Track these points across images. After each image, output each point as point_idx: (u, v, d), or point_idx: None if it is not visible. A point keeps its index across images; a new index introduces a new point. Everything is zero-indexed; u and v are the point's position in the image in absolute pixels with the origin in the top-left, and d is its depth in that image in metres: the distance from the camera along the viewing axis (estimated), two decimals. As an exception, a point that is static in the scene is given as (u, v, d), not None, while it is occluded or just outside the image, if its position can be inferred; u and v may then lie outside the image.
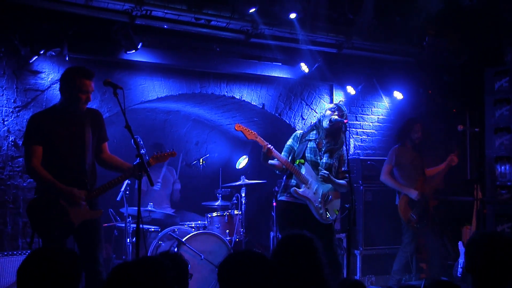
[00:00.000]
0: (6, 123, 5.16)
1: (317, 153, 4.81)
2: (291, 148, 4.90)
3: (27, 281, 2.33)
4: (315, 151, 4.81)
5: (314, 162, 4.79)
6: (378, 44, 6.75)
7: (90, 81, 4.03)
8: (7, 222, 5.12)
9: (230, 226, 5.94)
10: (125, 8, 5.21)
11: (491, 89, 6.19)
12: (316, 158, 4.80)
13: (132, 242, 5.50)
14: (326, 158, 4.81)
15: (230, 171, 7.09)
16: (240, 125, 4.68)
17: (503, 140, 6.03)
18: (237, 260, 2.52)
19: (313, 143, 4.84)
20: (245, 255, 2.56)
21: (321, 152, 4.82)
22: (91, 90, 4.04)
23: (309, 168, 4.77)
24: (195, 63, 6.15)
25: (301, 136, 4.91)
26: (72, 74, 4.03)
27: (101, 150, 4.24)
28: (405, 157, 6.08)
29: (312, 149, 4.82)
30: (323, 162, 4.80)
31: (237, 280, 2.44)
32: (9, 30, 5.07)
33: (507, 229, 5.84)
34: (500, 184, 6.01)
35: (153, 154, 4.37)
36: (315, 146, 4.83)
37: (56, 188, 3.86)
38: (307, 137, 4.87)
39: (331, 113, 4.78)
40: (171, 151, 4.45)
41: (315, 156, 4.80)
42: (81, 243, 4.06)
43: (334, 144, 4.82)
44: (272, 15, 5.81)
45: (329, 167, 4.80)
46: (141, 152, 4.01)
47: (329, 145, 4.82)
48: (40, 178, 3.93)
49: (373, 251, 6.48)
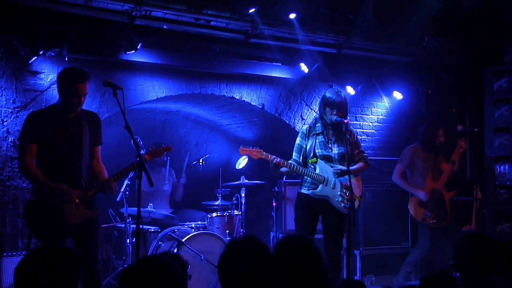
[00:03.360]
0: (5, 124, 5.16)
1: (327, 146, 4.75)
2: (301, 146, 4.82)
3: (25, 280, 2.32)
4: (325, 145, 4.75)
5: (326, 156, 4.74)
6: (378, 44, 6.75)
7: (84, 84, 4.02)
8: (7, 223, 5.11)
9: (230, 226, 5.94)
10: (125, 9, 5.20)
11: (490, 89, 6.20)
12: (327, 152, 4.74)
13: (132, 242, 5.50)
14: (336, 148, 4.75)
15: (230, 171, 7.08)
16: (243, 149, 4.66)
17: (502, 140, 6.04)
18: (238, 249, 2.56)
19: (321, 136, 4.76)
20: (246, 244, 2.59)
21: (331, 144, 4.77)
22: (84, 92, 4.04)
23: (322, 165, 4.71)
24: (195, 64, 6.15)
25: (308, 131, 4.83)
26: (65, 77, 4.05)
27: (93, 155, 4.23)
28: (418, 158, 6.07)
29: (321, 143, 4.75)
30: (335, 153, 4.75)
31: (237, 270, 2.48)
32: (8, 31, 5.06)
33: (506, 228, 5.85)
34: (500, 184, 6.02)
35: (148, 150, 4.36)
36: (323, 139, 4.76)
37: (45, 186, 3.85)
38: (313, 132, 4.80)
39: (331, 111, 4.72)
40: (167, 146, 4.44)
41: (326, 149, 4.74)
42: (79, 243, 4.05)
43: (340, 135, 4.76)
44: (271, 15, 5.80)
45: (342, 157, 4.73)
46: (141, 152, 4.02)
47: (336, 137, 4.77)
48: (30, 176, 3.95)
49: (373, 251, 6.47)
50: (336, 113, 4.69)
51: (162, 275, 2.15)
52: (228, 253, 2.56)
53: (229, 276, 2.52)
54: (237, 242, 2.63)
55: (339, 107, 4.70)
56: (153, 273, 2.15)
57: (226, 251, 2.58)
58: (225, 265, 2.55)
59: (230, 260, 2.53)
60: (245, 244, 2.59)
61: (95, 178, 4.18)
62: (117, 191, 4.16)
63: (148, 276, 2.13)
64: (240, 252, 2.54)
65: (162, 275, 2.15)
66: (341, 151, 4.73)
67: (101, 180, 4.11)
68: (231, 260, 2.53)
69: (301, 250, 2.74)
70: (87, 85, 4.08)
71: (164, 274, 2.16)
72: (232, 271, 2.51)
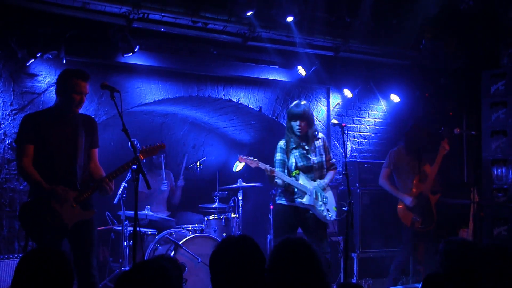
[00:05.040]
0: (2, 126, 5.15)
1: (307, 157, 4.95)
2: (283, 161, 4.94)
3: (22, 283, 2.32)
4: (305, 156, 4.95)
5: (307, 167, 4.94)
6: (375, 47, 6.77)
7: (85, 82, 4.03)
8: (4, 226, 5.10)
9: (227, 229, 5.95)
10: (122, 11, 5.20)
11: (487, 92, 6.21)
12: (308, 163, 4.94)
13: (129, 245, 5.49)
14: (315, 157, 4.97)
15: (227, 174, 7.08)
16: (242, 157, 4.84)
17: (499, 143, 6.05)
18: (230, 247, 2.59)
19: (300, 149, 4.95)
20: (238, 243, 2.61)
21: (310, 154, 4.96)
22: (85, 91, 4.04)
23: (304, 176, 4.90)
24: (192, 66, 6.16)
25: (286, 146, 4.98)
26: (67, 74, 4.05)
27: (90, 158, 4.22)
28: (402, 160, 6.07)
29: (301, 156, 4.94)
30: (316, 162, 4.96)
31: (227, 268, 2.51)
32: (6, 33, 5.06)
33: (503, 231, 5.86)
34: (497, 187, 6.03)
35: (142, 148, 4.35)
36: (302, 151, 4.95)
37: (42, 187, 3.85)
38: (290, 146, 4.97)
39: (296, 123, 4.90)
40: (160, 144, 4.44)
41: (306, 161, 4.94)
42: (75, 245, 4.03)
43: (313, 144, 4.99)
44: (269, 18, 5.82)
45: (321, 165, 5.00)
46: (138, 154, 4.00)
47: (311, 147, 4.98)
48: (28, 177, 3.94)
49: (370, 254, 6.47)
50: (300, 123, 4.87)
51: (158, 279, 2.16)
52: (219, 250, 2.58)
53: (219, 273, 2.52)
54: (229, 241, 2.64)
55: (302, 118, 4.88)
56: (150, 277, 2.15)
57: (218, 248, 2.59)
58: (216, 262, 2.56)
59: (221, 257, 2.54)
60: (238, 242, 2.60)
61: (93, 180, 4.17)
62: (113, 191, 4.14)
63: (145, 280, 2.14)
64: (231, 250, 2.56)
65: (158, 279, 2.15)
66: (319, 159, 4.99)
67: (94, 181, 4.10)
68: (222, 257, 2.54)
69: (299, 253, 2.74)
70: (87, 86, 4.08)
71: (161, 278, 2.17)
72: (222, 268, 2.52)
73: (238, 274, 2.48)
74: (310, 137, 4.97)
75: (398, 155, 6.10)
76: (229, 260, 2.52)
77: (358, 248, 6.41)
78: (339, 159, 7.11)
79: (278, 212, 5.02)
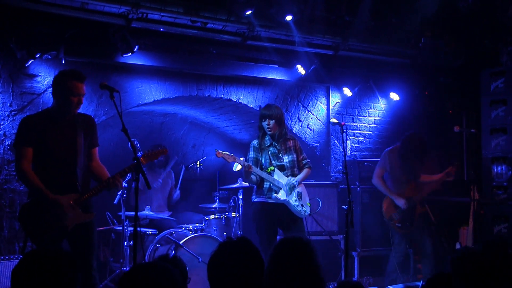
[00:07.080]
0: (2, 127, 5.15)
1: (279, 157, 5.12)
2: (257, 159, 5.11)
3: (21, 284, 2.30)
4: (277, 156, 5.12)
5: (280, 166, 5.09)
6: (374, 46, 6.77)
7: (82, 83, 4.01)
8: (4, 226, 5.11)
9: (227, 228, 5.95)
10: (121, 11, 5.20)
11: (487, 90, 6.21)
12: (280, 162, 5.11)
13: (129, 245, 5.49)
14: (287, 157, 5.13)
15: (227, 173, 7.08)
16: (219, 152, 4.96)
17: (499, 141, 6.05)
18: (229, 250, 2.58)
19: (272, 148, 5.12)
20: (237, 246, 2.61)
21: (282, 154, 5.13)
22: (82, 93, 4.02)
23: (279, 172, 5.05)
24: (192, 66, 6.16)
25: (259, 145, 5.15)
26: (63, 76, 4.02)
27: (91, 157, 4.20)
28: (397, 162, 6.03)
29: (274, 155, 5.11)
30: (287, 161, 5.12)
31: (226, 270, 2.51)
32: (5, 34, 5.06)
33: (504, 229, 5.86)
34: (497, 184, 6.02)
35: (145, 152, 4.35)
36: (274, 150, 5.12)
37: (43, 195, 3.84)
38: (263, 145, 5.13)
39: (266, 123, 5.06)
40: (162, 149, 4.43)
41: (278, 160, 5.11)
42: (74, 246, 4.02)
43: (285, 144, 5.16)
44: (268, 17, 5.82)
45: (293, 164, 5.14)
46: (138, 155, 4.00)
47: (283, 146, 5.15)
48: (29, 181, 3.90)
49: (371, 252, 6.48)
50: (269, 122, 5.04)
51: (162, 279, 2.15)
52: (218, 253, 2.57)
53: (218, 276, 2.52)
54: (229, 243, 2.64)
55: (271, 117, 5.05)
56: (153, 277, 2.14)
57: (217, 250, 2.59)
58: (215, 264, 2.55)
59: (219, 260, 2.54)
60: (237, 245, 2.60)
61: (96, 179, 4.15)
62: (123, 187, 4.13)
63: (148, 281, 2.13)
64: (230, 252, 2.55)
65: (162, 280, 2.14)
66: (290, 159, 5.14)
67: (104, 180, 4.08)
68: (221, 259, 2.54)
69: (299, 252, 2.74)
70: (84, 87, 4.07)
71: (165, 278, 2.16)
72: (220, 271, 2.51)
73: (237, 278, 2.48)
74: (281, 137, 5.14)
75: (392, 158, 6.03)
76: (228, 264, 2.51)
77: (358, 246, 6.42)
78: (339, 158, 7.12)
79: (257, 210, 5.10)
